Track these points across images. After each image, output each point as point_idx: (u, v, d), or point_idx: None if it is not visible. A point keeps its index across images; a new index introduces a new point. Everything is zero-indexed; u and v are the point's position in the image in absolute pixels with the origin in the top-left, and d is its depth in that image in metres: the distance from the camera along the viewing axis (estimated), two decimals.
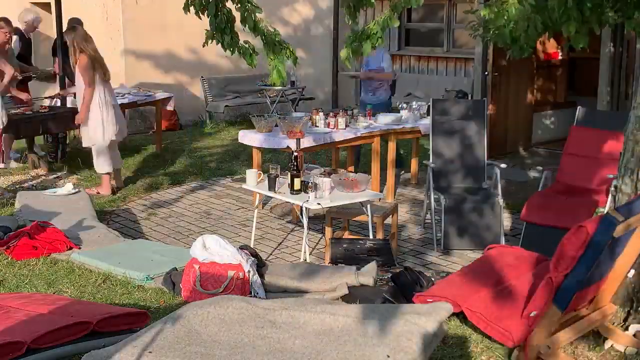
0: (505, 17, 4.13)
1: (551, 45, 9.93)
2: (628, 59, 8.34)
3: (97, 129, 7.32)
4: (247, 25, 4.67)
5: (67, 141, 9.02)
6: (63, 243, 5.25)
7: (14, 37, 8.71)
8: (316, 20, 12.69)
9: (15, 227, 5.46)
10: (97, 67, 7.27)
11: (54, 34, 9.96)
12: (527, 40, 4.15)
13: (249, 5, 4.66)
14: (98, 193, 7.42)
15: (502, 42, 4.36)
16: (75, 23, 8.36)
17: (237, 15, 4.71)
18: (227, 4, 4.70)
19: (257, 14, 4.69)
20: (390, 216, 5.93)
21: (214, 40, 4.74)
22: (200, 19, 4.71)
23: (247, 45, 4.77)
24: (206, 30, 4.71)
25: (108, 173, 7.49)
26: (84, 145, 7.64)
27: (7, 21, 8.33)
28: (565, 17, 3.92)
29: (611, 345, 3.65)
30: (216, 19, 4.59)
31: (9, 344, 3.17)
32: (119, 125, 7.48)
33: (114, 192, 7.55)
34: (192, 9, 4.75)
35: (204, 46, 4.94)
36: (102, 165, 7.42)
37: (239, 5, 4.63)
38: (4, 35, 8.08)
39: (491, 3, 4.29)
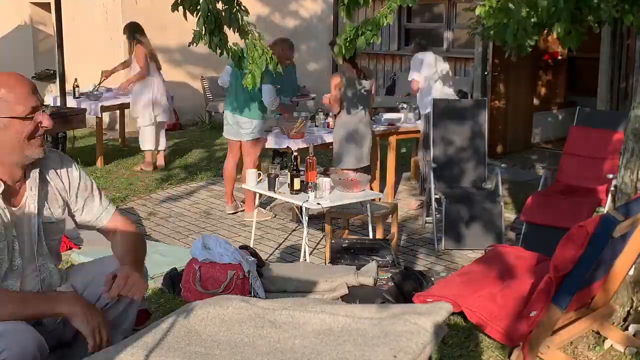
0: (496, 19, 4.12)
1: (551, 45, 9.93)
2: (628, 59, 8.34)
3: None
4: (231, 27, 4.67)
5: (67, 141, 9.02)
6: (63, 243, 5.25)
7: None
8: (317, 20, 12.70)
9: None
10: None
11: (53, 33, 9.94)
12: (520, 42, 4.14)
13: (237, 7, 4.65)
14: (141, 170, 8.61)
15: (500, 40, 4.34)
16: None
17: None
18: (217, 5, 4.69)
19: (244, 17, 4.70)
20: (390, 216, 5.93)
21: (202, 41, 4.74)
22: (187, 20, 4.71)
23: (236, 48, 4.77)
24: (194, 30, 4.72)
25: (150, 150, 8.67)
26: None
27: None
28: (555, 17, 3.90)
29: (611, 345, 3.65)
30: (206, 19, 4.59)
31: None
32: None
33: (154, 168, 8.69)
34: (181, 8, 4.75)
35: (189, 46, 4.95)
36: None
37: (227, 6, 4.62)
38: None
39: (485, 2, 4.27)
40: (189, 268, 4.41)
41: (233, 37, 4.93)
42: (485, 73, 8.94)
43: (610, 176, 5.56)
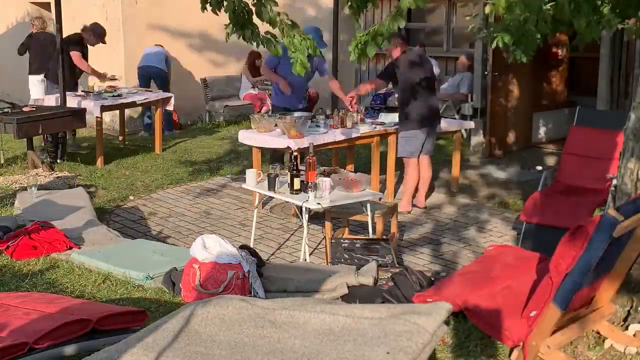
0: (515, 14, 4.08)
1: (551, 45, 9.92)
2: (627, 59, 8.34)
3: None
4: (262, 20, 4.65)
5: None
6: (63, 243, 5.26)
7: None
8: (316, 21, 12.68)
9: (15, 227, 5.46)
10: None
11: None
12: (541, 31, 4.10)
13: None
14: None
15: (504, 45, 4.32)
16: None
17: (253, 8, 4.70)
18: None
19: (273, 7, 4.67)
20: (390, 216, 5.93)
21: (236, 34, 4.72)
22: (218, 15, 4.68)
23: (269, 36, 4.75)
24: (225, 25, 4.70)
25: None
26: None
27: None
28: (576, 11, 3.89)
29: (611, 345, 3.65)
30: (235, 14, 4.57)
31: (11, 345, 3.17)
32: None
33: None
34: (208, 6, 4.72)
35: (227, 41, 4.90)
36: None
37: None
38: None
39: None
40: (189, 268, 4.41)
41: (265, 28, 4.91)
42: (485, 73, 8.94)
43: (610, 176, 5.56)
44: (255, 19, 4.68)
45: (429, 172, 7.20)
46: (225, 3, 4.56)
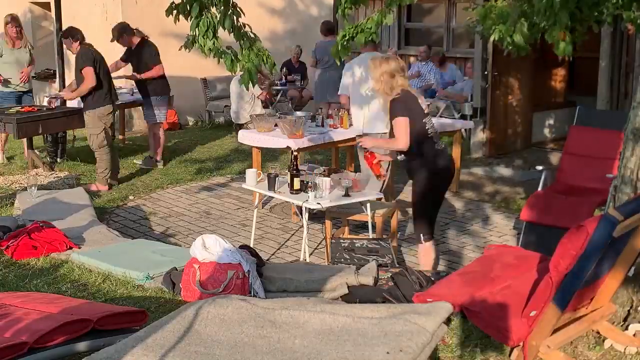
0: (492, 19, 4.13)
1: (551, 44, 9.92)
2: (628, 58, 8.33)
3: None
4: (226, 28, 4.66)
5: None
6: (63, 243, 5.26)
7: None
8: (317, 20, 12.69)
9: (15, 227, 5.46)
10: None
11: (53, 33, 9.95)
12: (518, 46, 4.14)
13: (232, 9, 4.65)
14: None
15: (499, 39, 4.34)
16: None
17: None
18: (212, 9, 4.69)
19: (239, 18, 4.69)
20: (390, 216, 5.93)
21: (195, 45, 4.72)
22: (175, 24, 4.69)
23: (229, 51, 4.77)
24: (187, 34, 4.71)
25: None
26: None
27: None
28: (552, 21, 3.90)
29: (611, 345, 3.65)
30: (199, 23, 4.58)
31: (11, 345, 3.17)
32: None
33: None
34: (174, 12, 4.73)
35: (179, 49, 4.91)
36: None
37: (222, 7, 4.60)
38: None
39: (484, 4, 4.29)
40: (188, 268, 4.42)
41: (229, 38, 4.93)
42: (485, 73, 8.95)
43: (610, 176, 5.56)
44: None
45: None
46: (191, 10, 4.55)
